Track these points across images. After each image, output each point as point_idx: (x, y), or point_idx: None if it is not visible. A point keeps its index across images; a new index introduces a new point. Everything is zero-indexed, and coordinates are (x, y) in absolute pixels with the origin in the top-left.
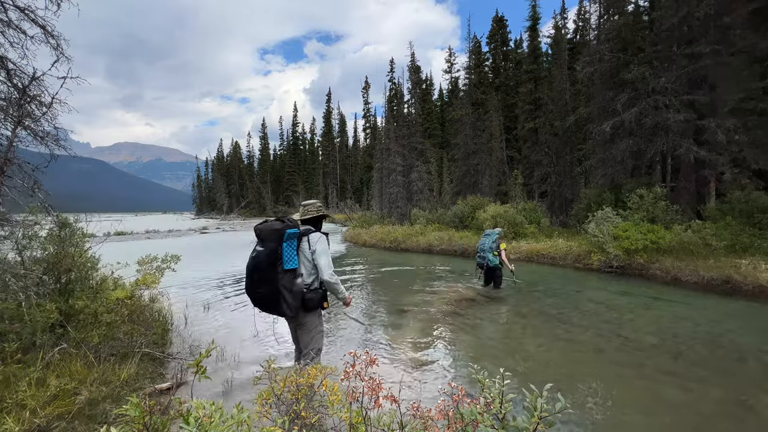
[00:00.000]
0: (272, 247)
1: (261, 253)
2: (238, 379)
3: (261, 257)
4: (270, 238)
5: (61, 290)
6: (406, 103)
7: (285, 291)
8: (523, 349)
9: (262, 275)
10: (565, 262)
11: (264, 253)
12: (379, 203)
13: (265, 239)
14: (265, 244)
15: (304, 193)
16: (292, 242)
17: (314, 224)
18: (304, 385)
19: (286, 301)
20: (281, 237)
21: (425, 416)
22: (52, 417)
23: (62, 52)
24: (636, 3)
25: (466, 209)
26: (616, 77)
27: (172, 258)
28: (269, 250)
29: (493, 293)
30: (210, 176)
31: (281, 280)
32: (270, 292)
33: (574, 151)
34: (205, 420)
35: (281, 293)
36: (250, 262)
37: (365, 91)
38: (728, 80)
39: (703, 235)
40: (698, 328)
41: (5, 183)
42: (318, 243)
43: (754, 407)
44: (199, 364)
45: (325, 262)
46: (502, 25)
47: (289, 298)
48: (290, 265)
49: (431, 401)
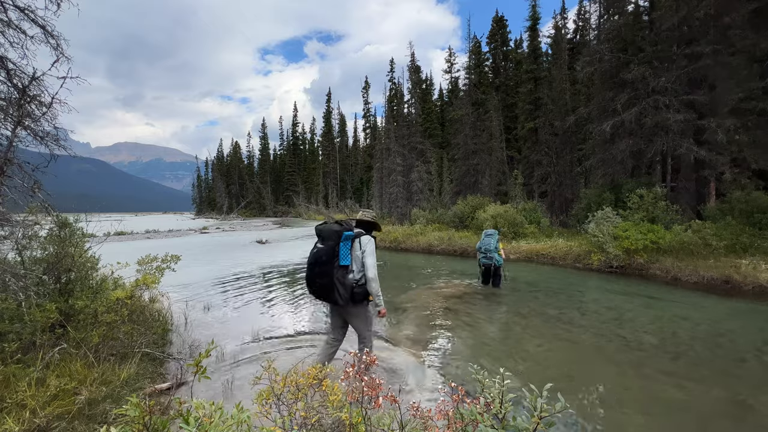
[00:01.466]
0: (331, 245)
1: (321, 250)
2: (238, 379)
3: (321, 253)
4: (330, 238)
5: (61, 290)
6: (406, 103)
7: (338, 283)
8: (523, 349)
9: (322, 268)
10: (565, 262)
11: (324, 250)
12: (379, 203)
13: (326, 238)
14: (325, 242)
15: (304, 193)
16: (347, 243)
17: (366, 229)
18: (304, 385)
19: (338, 292)
20: (339, 237)
21: (425, 416)
22: (52, 417)
23: (62, 52)
24: (636, 3)
25: (466, 209)
26: (616, 77)
27: (172, 258)
28: (328, 248)
29: (493, 293)
30: (210, 176)
31: (336, 274)
32: (327, 283)
33: (574, 151)
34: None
35: (335, 285)
36: (312, 256)
37: (365, 91)
38: (728, 80)
39: (703, 235)
40: (698, 328)
41: (5, 183)
42: (368, 245)
43: (754, 407)
44: (199, 364)
45: (371, 262)
46: (502, 25)
47: (341, 290)
48: (344, 262)
49: (431, 401)
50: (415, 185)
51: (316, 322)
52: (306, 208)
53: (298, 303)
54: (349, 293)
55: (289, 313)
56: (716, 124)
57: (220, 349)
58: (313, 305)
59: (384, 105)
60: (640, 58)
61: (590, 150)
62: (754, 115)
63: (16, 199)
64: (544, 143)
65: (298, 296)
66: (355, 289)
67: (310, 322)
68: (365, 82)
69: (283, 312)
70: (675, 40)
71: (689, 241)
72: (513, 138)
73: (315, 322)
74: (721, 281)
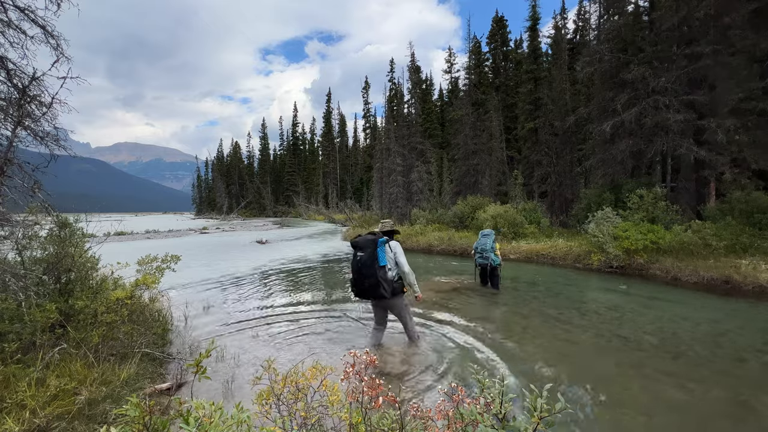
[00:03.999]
0: (371, 251)
1: (363, 257)
2: (238, 379)
3: (364, 259)
4: (368, 246)
5: (61, 290)
6: (406, 103)
7: (382, 280)
8: (524, 349)
9: (368, 271)
10: (565, 263)
11: (365, 257)
12: (379, 203)
13: (364, 247)
14: (364, 250)
15: (304, 193)
16: (383, 247)
17: (389, 235)
18: (304, 385)
19: (383, 287)
20: (376, 244)
21: (425, 416)
22: (52, 417)
23: (62, 52)
24: (636, 3)
25: (466, 209)
26: (616, 77)
27: (172, 258)
28: (368, 254)
29: (491, 293)
30: (210, 176)
31: (379, 273)
32: (374, 282)
33: (574, 151)
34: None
35: (380, 282)
36: (356, 264)
37: (365, 91)
38: (728, 80)
39: (703, 235)
40: (698, 328)
41: (5, 183)
42: (397, 247)
43: (754, 407)
44: (199, 364)
45: (403, 260)
46: (502, 26)
47: (385, 285)
48: (383, 263)
49: (431, 401)
50: (415, 185)
51: (316, 322)
52: (306, 208)
53: (298, 303)
54: (390, 287)
55: (289, 313)
56: (716, 124)
57: (220, 349)
58: (313, 305)
59: (384, 105)
60: (640, 58)
61: (590, 150)
62: (754, 115)
63: (16, 199)
64: (544, 143)
65: (298, 296)
66: (395, 284)
67: (310, 322)
68: (365, 83)
69: (283, 312)
70: (675, 40)
71: (689, 241)
72: (513, 138)
73: (315, 321)
74: (721, 281)
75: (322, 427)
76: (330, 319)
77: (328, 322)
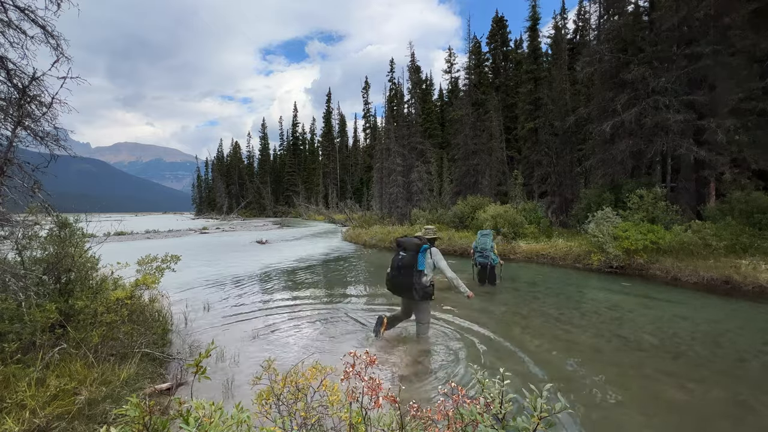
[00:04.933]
0: (412, 254)
1: (404, 258)
2: (238, 379)
3: (405, 260)
4: (411, 248)
5: (61, 290)
6: (406, 103)
7: (416, 284)
8: (524, 349)
9: (406, 271)
10: (565, 263)
11: (407, 258)
12: (379, 203)
13: (407, 248)
14: (407, 251)
15: (304, 193)
16: (424, 253)
17: (431, 242)
18: (304, 385)
19: (416, 289)
20: (418, 248)
21: (425, 416)
22: (51, 417)
23: (62, 52)
24: (636, 3)
25: (466, 209)
26: (616, 77)
27: (172, 258)
28: (410, 256)
29: (491, 292)
30: (210, 176)
31: (414, 276)
32: (408, 282)
33: (574, 151)
34: (205, 420)
35: (414, 285)
36: (397, 262)
37: (365, 91)
38: (728, 80)
39: (703, 235)
40: (698, 328)
41: (5, 183)
42: (437, 254)
43: (754, 407)
44: (199, 364)
45: (445, 266)
46: (502, 26)
47: (418, 288)
48: (421, 267)
49: (431, 401)
50: (415, 185)
51: (316, 322)
52: (306, 208)
53: (298, 303)
54: (422, 292)
55: (288, 313)
56: (716, 124)
57: (220, 349)
58: (313, 305)
59: (384, 105)
60: (640, 58)
61: (590, 150)
62: (754, 115)
63: (16, 199)
64: (544, 143)
65: (298, 296)
66: (427, 289)
67: (310, 322)
68: (365, 83)
69: (282, 312)
70: (675, 40)
71: (689, 241)
72: (513, 138)
73: (315, 321)
74: (721, 281)
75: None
76: (330, 318)
77: (328, 322)
